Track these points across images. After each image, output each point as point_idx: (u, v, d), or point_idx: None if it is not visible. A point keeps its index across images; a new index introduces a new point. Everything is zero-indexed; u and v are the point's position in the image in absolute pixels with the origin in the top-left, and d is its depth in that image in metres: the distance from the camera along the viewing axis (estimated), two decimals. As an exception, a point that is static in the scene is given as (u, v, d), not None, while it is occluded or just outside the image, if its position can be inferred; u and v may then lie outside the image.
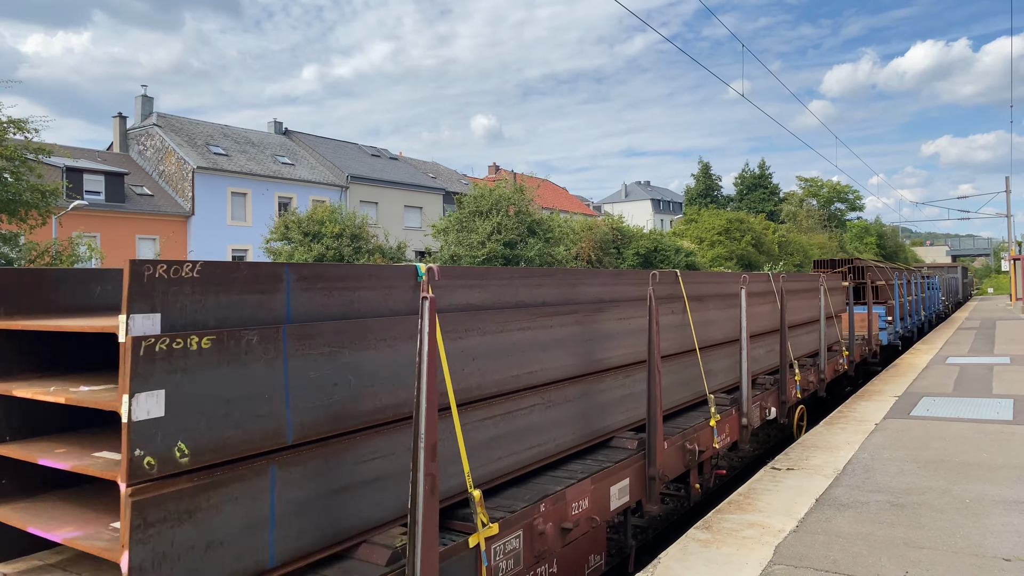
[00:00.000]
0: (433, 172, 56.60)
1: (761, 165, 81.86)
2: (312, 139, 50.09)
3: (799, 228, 67.46)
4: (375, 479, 3.07)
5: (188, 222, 38.54)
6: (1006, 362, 13.54)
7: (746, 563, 4.20)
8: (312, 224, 30.24)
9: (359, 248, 30.05)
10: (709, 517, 5.07)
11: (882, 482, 5.84)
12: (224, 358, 2.48)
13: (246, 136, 45.65)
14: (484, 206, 31.24)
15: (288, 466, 2.71)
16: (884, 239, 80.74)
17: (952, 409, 8.90)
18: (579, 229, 37.01)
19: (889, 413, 8.77)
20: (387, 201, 48.10)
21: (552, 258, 31.22)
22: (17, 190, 20.54)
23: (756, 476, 6.14)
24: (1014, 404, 9.08)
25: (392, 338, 3.15)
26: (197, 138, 41.72)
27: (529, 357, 4.04)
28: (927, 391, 10.36)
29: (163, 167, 40.24)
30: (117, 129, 42.40)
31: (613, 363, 4.91)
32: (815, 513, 5.09)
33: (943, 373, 12.28)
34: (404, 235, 41.67)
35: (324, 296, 2.95)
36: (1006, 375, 11.79)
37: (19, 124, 20.38)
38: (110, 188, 36.12)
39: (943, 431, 7.69)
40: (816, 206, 77.15)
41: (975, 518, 4.91)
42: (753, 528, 4.80)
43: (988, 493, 5.46)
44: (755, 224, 53.30)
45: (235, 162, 41.39)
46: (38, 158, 21.59)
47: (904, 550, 4.35)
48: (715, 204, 75.51)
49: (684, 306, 6.12)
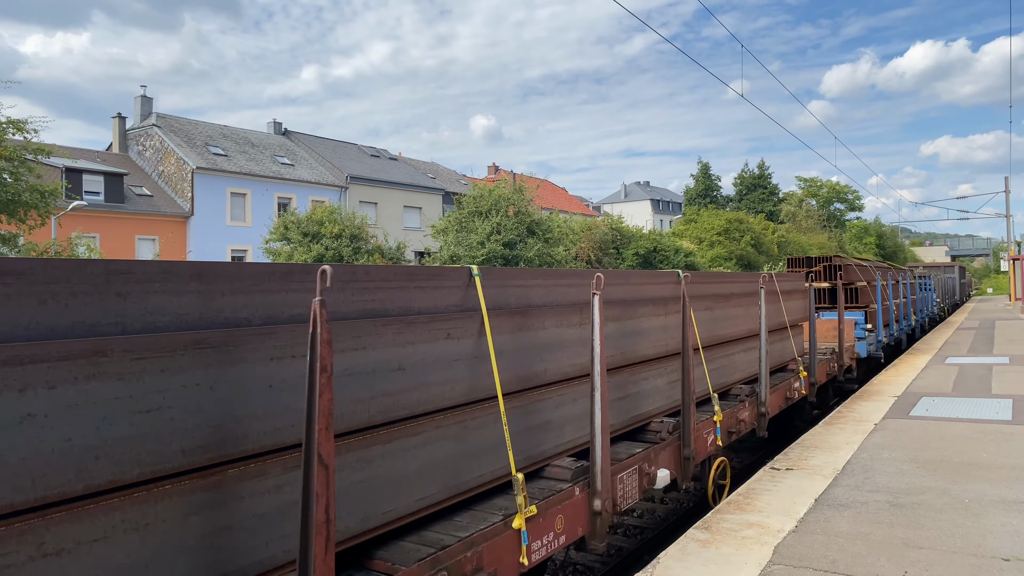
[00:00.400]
0: (432, 172, 56.62)
1: (760, 165, 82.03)
2: (311, 139, 50.11)
3: (798, 228, 67.52)
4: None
5: (187, 223, 38.54)
6: (1005, 362, 13.55)
7: (745, 563, 4.20)
8: (311, 224, 30.26)
9: (358, 248, 30.07)
10: (708, 517, 5.07)
11: (881, 482, 5.84)
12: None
13: (245, 136, 45.66)
14: (483, 206, 31.27)
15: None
16: (883, 239, 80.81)
17: (951, 409, 8.91)
18: (578, 229, 37.05)
19: (888, 413, 8.77)
20: (386, 201, 48.10)
21: (551, 258, 31.24)
22: (16, 191, 20.55)
23: (755, 476, 6.15)
24: (1013, 404, 9.08)
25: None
26: (196, 138, 41.73)
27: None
28: (926, 391, 10.37)
29: (162, 167, 40.24)
30: (116, 129, 42.42)
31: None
32: (814, 513, 5.09)
33: (942, 373, 12.29)
34: (403, 235, 41.71)
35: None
36: (1005, 375, 11.79)
37: (18, 125, 20.41)
38: (109, 189, 36.13)
39: (942, 431, 7.69)
40: (815, 206, 77.23)
41: (974, 518, 4.91)
42: (752, 528, 4.80)
43: (987, 493, 5.46)
44: (754, 224, 53.36)
45: (234, 162, 41.40)
46: (37, 158, 21.61)
47: (903, 550, 4.35)
48: (714, 204, 75.60)
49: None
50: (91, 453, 2.08)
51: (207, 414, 2.37)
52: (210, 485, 2.37)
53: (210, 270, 2.50)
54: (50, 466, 1.99)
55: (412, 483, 3.14)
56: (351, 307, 2.99)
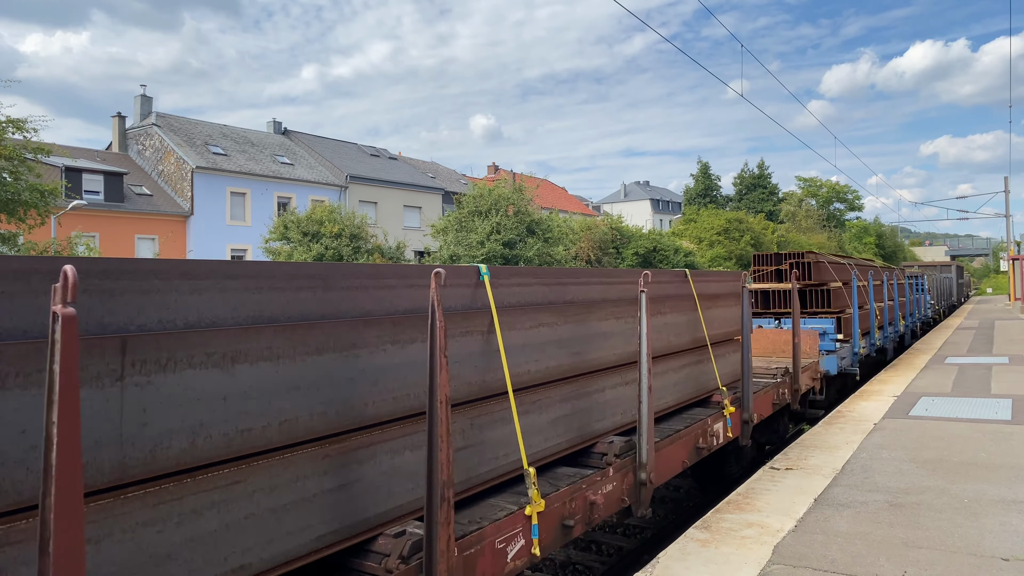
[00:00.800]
0: (432, 172, 56.62)
1: (760, 165, 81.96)
2: (311, 139, 50.10)
3: (798, 228, 67.49)
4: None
5: (187, 222, 38.53)
6: (1005, 362, 13.56)
7: (745, 563, 4.20)
8: (311, 224, 30.25)
9: (358, 248, 30.07)
10: (708, 517, 5.08)
11: (881, 482, 5.85)
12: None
13: (245, 136, 45.64)
14: (483, 206, 31.27)
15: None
16: (883, 239, 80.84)
17: (951, 409, 8.91)
18: (578, 229, 37.06)
19: (888, 413, 8.78)
20: (386, 201, 48.10)
21: (551, 258, 31.25)
22: (16, 190, 20.54)
23: (755, 476, 6.15)
24: (1012, 404, 9.09)
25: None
26: (196, 138, 41.72)
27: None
28: (926, 391, 10.38)
29: (162, 167, 40.23)
30: (116, 129, 42.40)
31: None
32: (814, 513, 5.10)
33: (942, 373, 12.30)
34: (403, 235, 41.70)
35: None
36: (1005, 375, 11.80)
37: (18, 124, 20.39)
38: (109, 188, 36.12)
39: (942, 431, 7.70)
40: (815, 206, 77.21)
41: (973, 518, 4.91)
42: (752, 528, 4.81)
43: (986, 493, 5.47)
44: (754, 224, 53.37)
45: (234, 162, 41.39)
46: (37, 158, 21.59)
47: (902, 550, 4.35)
48: (714, 204, 75.57)
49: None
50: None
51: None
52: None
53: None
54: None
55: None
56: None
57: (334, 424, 2.77)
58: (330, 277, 2.86)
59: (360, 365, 2.88)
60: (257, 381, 2.50)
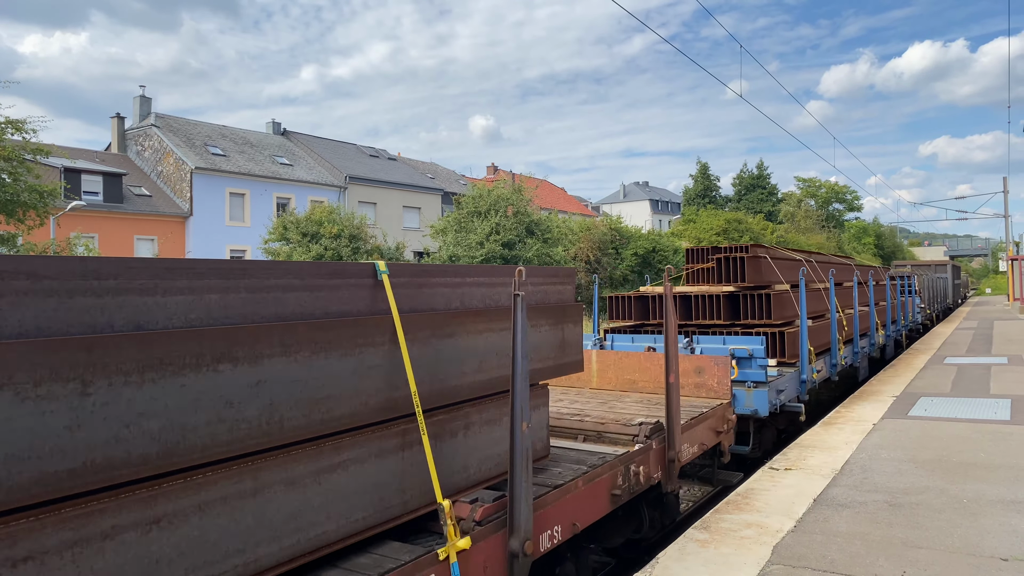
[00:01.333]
0: (431, 172, 56.62)
1: (759, 165, 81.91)
2: (310, 139, 50.09)
3: (797, 228, 67.47)
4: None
5: (186, 223, 38.52)
6: (1004, 362, 13.57)
7: (744, 563, 4.21)
8: (310, 224, 30.25)
9: (357, 248, 30.07)
10: (707, 517, 5.08)
11: (880, 482, 5.85)
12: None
13: (244, 136, 45.64)
14: (482, 206, 31.28)
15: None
16: (882, 239, 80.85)
17: (950, 409, 8.92)
18: (577, 229, 37.06)
19: (887, 413, 8.78)
20: (385, 201, 48.09)
21: (550, 258, 31.25)
22: (15, 191, 20.54)
23: (754, 476, 6.15)
24: (1012, 404, 9.10)
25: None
26: (195, 138, 41.71)
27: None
28: (925, 391, 10.38)
29: (161, 168, 40.22)
30: (115, 130, 42.38)
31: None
32: (813, 513, 5.10)
33: (941, 373, 12.31)
34: (402, 235, 41.73)
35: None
36: (1004, 375, 11.81)
37: (17, 125, 20.39)
38: (108, 189, 36.10)
39: (941, 431, 7.70)
40: (814, 206, 77.19)
41: (972, 518, 4.92)
42: (751, 528, 4.81)
43: (986, 493, 5.47)
44: (753, 224, 53.36)
45: (233, 162, 41.38)
46: (36, 159, 21.60)
47: (902, 550, 4.36)
48: (713, 204, 75.58)
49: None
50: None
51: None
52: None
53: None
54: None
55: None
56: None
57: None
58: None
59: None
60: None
